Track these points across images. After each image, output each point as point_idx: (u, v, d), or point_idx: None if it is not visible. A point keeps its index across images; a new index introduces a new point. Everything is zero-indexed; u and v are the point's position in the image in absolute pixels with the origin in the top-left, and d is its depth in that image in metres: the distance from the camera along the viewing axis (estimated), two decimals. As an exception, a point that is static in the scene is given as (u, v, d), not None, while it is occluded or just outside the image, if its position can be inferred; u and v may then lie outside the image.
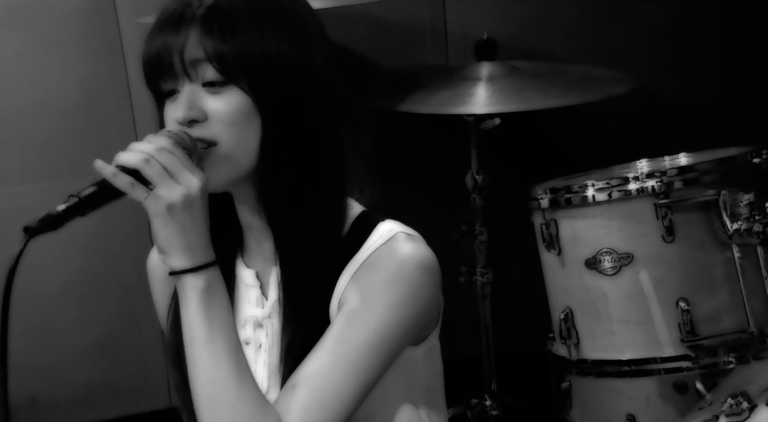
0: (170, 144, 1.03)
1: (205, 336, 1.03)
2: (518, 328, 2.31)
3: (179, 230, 1.01)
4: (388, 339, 1.07)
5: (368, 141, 2.45)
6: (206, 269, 1.03)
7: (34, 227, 1.02)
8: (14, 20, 2.14)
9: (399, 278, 1.07)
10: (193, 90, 1.07)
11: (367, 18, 2.38)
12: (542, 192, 1.81)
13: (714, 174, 1.71)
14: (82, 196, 1.01)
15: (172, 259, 1.03)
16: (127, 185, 1.00)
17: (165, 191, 1.00)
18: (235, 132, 1.06)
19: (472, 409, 2.19)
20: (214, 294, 1.04)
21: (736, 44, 2.60)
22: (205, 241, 1.04)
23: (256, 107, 1.06)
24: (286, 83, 1.07)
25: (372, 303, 1.07)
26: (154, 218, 1.02)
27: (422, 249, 1.10)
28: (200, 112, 1.06)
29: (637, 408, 1.79)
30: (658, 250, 1.70)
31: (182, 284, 1.04)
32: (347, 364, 1.06)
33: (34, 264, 2.26)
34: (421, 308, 1.10)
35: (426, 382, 1.17)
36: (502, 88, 2.04)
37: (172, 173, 1.01)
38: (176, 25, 1.06)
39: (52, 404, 2.25)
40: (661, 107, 2.56)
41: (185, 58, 1.05)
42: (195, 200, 1.01)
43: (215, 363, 1.03)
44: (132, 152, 1.01)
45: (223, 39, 1.05)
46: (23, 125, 2.18)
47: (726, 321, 1.71)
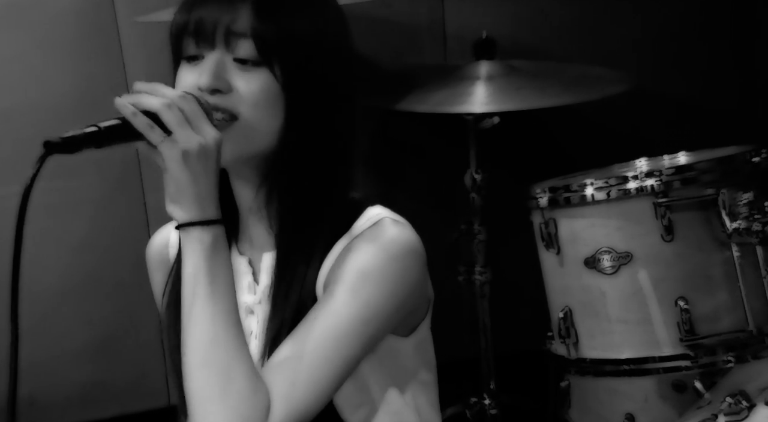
0: (192, 99, 1.03)
1: (207, 291, 1.02)
2: (517, 327, 2.31)
3: (191, 179, 1.01)
4: (370, 320, 1.07)
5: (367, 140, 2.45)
6: (214, 224, 1.03)
7: (55, 142, 1.02)
8: (11, 20, 2.14)
9: (381, 261, 1.07)
10: (222, 60, 1.06)
11: (365, 17, 2.37)
12: (541, 191, 1.81)
13: (713, 173, 1.71)
14: (102, 126, 1.00)
15: (182, 209, 1.02)
16: (146, 126, 1.00)
17: (182, 138, 1.00)
18: (257, 111, 1.06)
19: (471, 408, 2.19)
20: (219, 251, 1.03)
21: (734, 43, 2.61)
22: (215, 199, 1.03)
23: (283, 92, 1.06)
24: (318, 74, 1.08)
25: (354, 285, 1.06)
26: (168, 163, 1.01)
27: (407, 233, 1.10)
28: (226, 84, 1.06)
29: (635, 407, 1.79)
30: (657, 249, 1.70)
31: (189, 238, 1.03)
32: (330, 344, 1.05)
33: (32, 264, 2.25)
34: (406, 291, 1.10)
35: (417, 375, 1.17)
36: (500, 87, 2.04)
37: (191, 121, 1.01)
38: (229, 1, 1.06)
39: (49, 403, 2.24)
40: (659, 106, 2.56)
41: (231, 28, 1.05)
42: (210, 151, 1.01)
43: (214, 321, 1.02)
44: (154, 96, 1.01)
45: (271, 20, 1.05)
46: (20, 125, 2.17)
47: (725, 321, 1.71)
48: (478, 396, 2.20)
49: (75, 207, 2.20)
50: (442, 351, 1.22)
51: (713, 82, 2.58)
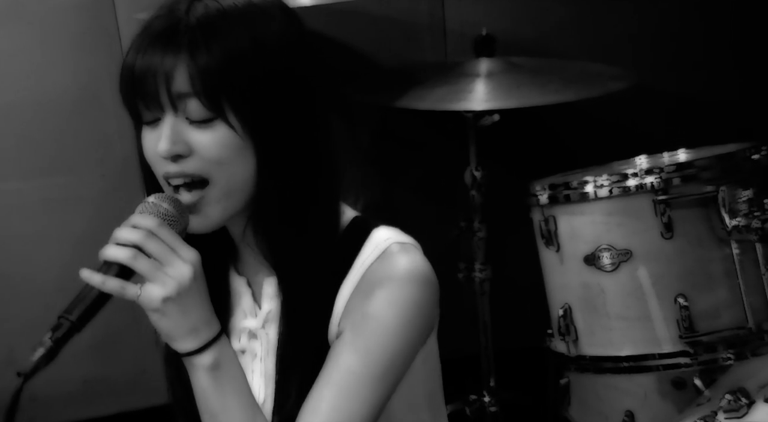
0: (156, 224, 0.98)
1: (219, 406, 1.03)
2: (517, 324, 2.31)
3: (179, 318, 0.99)
4: (395, 362, 1.06)
5: (367, 137, 2.45)
6: (212, 345, 1.02)
7: (28, 372, 0.95)
8: (12, 16, 2.14)
9: (399, 301, 1.05)
10: (177, 122, 1.01)
11: (365, 14, 2.37)
12: (541, 188, 1.81)
13: (713, 170, 1.71)
14: (74, 317, 0.96)
15: (177, 344, 1.01)
16: (118, 289, 0.97)
17: (158, 287, 0.97)
18: (225, 169, 1.02)
19: (471, 406, 2.19)
20: (223, 366, 1.03)
21: (734, 39, 2.60)
22: (207, 316, 1.02)
23: (249, 139, 1.01)
24: (277, 111, 1.03)
25: (372, 331, 1.04)
26: (150, 314, 1.00)
27: (417, 262, 1.07)
28: (185, 146, 1.01)
29: (635, 404, 1.79)
30: (657, 246, 1.70)
31: (190, 364, 1.03)
32: (357, 393, 1.04)
33: (33, 260, 2.27)
34: (423, 325, 1.09)
35: (426, 387, 1.16)
36: (500, 84, 2.04)
37: (163, 262, 0.97)
38: (164, 48, 1.00)
39: (50, 400, 2.25)
40: (660, 103, 2.56)
41: (172, 90, 0.99)
42: (190, 286, 0.98)
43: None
44: (118, 247, 0.98)
45: (211, 71, 0.98)
46: (21, 121, 2.18)
47: (724, 317, 1.71)
48: (478, 393, 2.20)
49: (75, 203, 2.21)
50: (442, 348, 1.22)
51: (713, 79, 2.58)
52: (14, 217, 2.22)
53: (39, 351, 0.95)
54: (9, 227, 2.22)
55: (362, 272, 1.06)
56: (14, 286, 2.21)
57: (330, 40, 2.37)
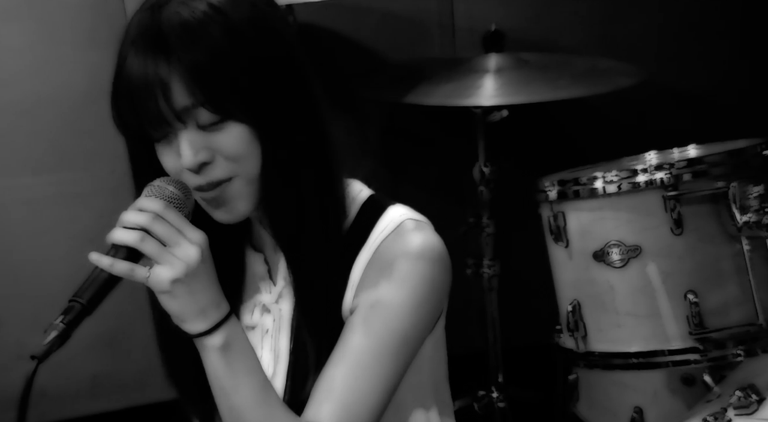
0: (162, 207, 0.99)
1: (231, 386, 1.04)
2: (525, 321, 2.31)
3: (188, 299, 1.00)
4: (408, 340, 1.07)
5: (375, 134, 2.45)
6: (222, 325, 1.03)
7: (41, 354, 0.95)
8: (23, 13, 2.14)
9: (413, 278, 1.06)
10: (191, 133, 1.02)
11: (374, 10, 2.37)
12: (550, 184, 1.80)
13: (723, 166, 1.70)
14: (84, 299, 0.97)
15: (187, 325, 1.02)
16: (127, 270, 0.97)
17: (166, 268, 0.98)
18: (246, 163, 1.03)
19: (479, 401, 2.19)
20: (234, 346, 1.04)
21: (745, 35, 2.59)
22: (217, 297, 1.02)
23: (255, 132, 1.03)
24: (277, 100, 1.04)
25: (386, 306, 1.05)
26: (160, 296, 1.00)
27: (431, 239, 1.09)
28: (207, 153, 1.03)
29: (644, 400, 1.78)
30: (667, 243, 1.70)
31: (201, 345, 1.03)
32: (371, 373, 1.05)
33: (43, 255, 2.28)
34: (435, 302, 1.10)
35: (432, 377, 1.17)
36: (509, 80, 2.04)
37: (170, 244, 0.98)
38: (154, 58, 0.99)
39: (60, 396, 2.26)
40: (669, 98, 2.55)
41: (175, 106, 0.99)
42: (198, 267, 0.99)
43: (244, 408, 1.04)
44: (126, 230, 0.98)
45: (210, 79, 0.99)
46: (31, 117, 2.19)
47: (734, 314, 1.70)
48: (486, 389, 2.20)
49: (85, 198, 2.21)
50: (451, 343, 1.22)
51: (724, 74, 2.57)
52: (25, 212, 2.23)
53: (51, 333, 0.95)
54: (20, 222, 2.23)
55: (376, 246, 1.07)
56: (25, 281, 2.22)
57: (338, 36, 2.37)
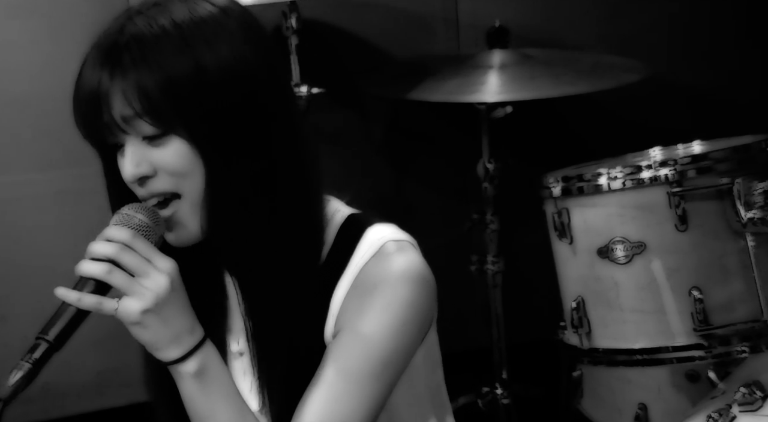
0: (129, 236, 0.97)
1: (207, 412, 1.02)
2: (529, 317, 2.31)
3: (159, 327, 0.98)
4: (391, 362, 1.05)
5: (379, 130, 2.45)
6: (195, 351, 1.01)
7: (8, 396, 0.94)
8: (26, 9, 2.15)
9: (394, 301, 1.03)
10: (135, 144, 1.01)
11: (378, 7, 2.37)
12: (554, 181, 1.80)
13: (728, 162, 1.70)
14: (51, 336, 0.95)
15: (161, 353, 1.01)
16: (95, 304, 0.96)
17: (135, 300, 0.97)
18: (190, 180, 1.01)
19: (483, 398, 2.19)
20: (209, 371, 1.02)
21: (750, 31, 2.58)
22: (189, 323, 1.01)
23: (197, 150, 1.00)
24: (223, 123, 1.00)
25: (370, 330, 1.03)
26: (130, 327, 0.99)
27: (412, 260, 1.05)
28: (148, 167, 1.01)
29: (648, 397, 1.78)
30: (671, 239, 1.69)
31: (176, 372, 1.02)
32: (352, 399, 1.03)
33: (47, 251, 2.28)
34: (420, 324, 1.07)
35: (428, 382, 1.15)
36: (513, 76, 2.03)
37: (139, 274, 0.97)
38: (100, 74, 1.00)
39: (64, 391, 2.26)
40: (674, 94, 2.54)
41: (115, 115, 0.99)
42: (167, 296, 0.97)
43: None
44: (93, 262, 0.97)
45: (150, 88, 0.97)
46: (35, 113, 2.19)
47: (739, 310, 1.70)
48: (491, 385, 2.20)
49: (89, 195, 2.21)
50: (455, 340, 1.22)
51: (728, 70, 2.56)
52: (28, 208, 2.23)
53: (17, 374, 0.93)
54: (23, 218, 2.23)
55: (357, 272, 1.04)
56: (28, 277, 2.23)
57: (342, 32, 2.36)
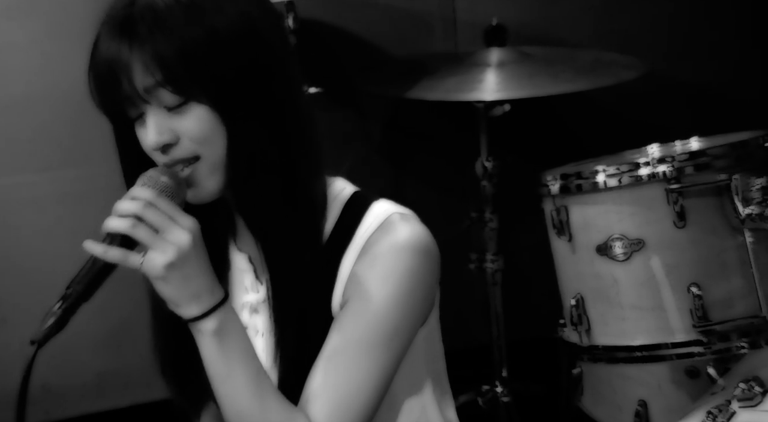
0: (154, 195, 1.01)
1: (225, 372, 1.05)
2: (529, 315, 2.31)
3: (181, 283, 1.01)
4: (398, 331, 1.07)
5: (377, 129, 2.45)
6: (215, 310, 1.04)
7: (40, 339, 0.99)
8: (25, 9, 2.15)
9: (400, 270, 1.06)
10: (157, 113, 1.04)
11: (376, 5, 2.37)
12: (552, 178, 1.80)
13: (726, 159, 1.70)
14: (80, 286, 1.00)
15: (181, 310, 1.03)
16: (120, 257, 1.00)
17: (159, 254, 0.99)
18: (211, 145, 1.04)
19: (483, 396, 2.19)
20: (228, 331, 1.04)
21: (747, 28, 2.59)
22: (210, 282, 1.03)
23: (219, 115, 1.04)
24: (242, 82, 1.04)
25: (375, 298, 1.06)
26: (154, 281, 1.02)
27: (417, 231, 1.09)
28: (171, 134, 1.04)
29: (648, 393, 1.78)
30: (670, 235, 1.70)
31: (195, 330, 1.04)
32: (362, 367, 1.06)
33: (47, 252, 2.28)
34: (424, 293, 1.10)
35: (428, 366, 1.17)
36: (511, 74, 2.03)
37: (162, 231, 1.00)
38: (119, 43, 1.02)
39: (64, 392, 2.26)
40: (672, 91, 2.55)
41: (137, 86, 1.02)
42: (189, 252, 1.00)
43: (236, 395, 1.05)
44: (119, 218, 1.00)
45: (170, 57, 1.01)
46: (34, 114, 2.19)
47: (738, 306, 1.70)
48: (490, 383, 2.20)
49: (89, 196, 2.21)
50: (454, 338, 1.22)
51: (725, 67, 2.56)
52: (28, 210, 2.23)
53: (49, 320, 0.99)
54: (23, 219, 2.23)
55: (363, 241, 1.08)
56: (28, 278, 2.23)
57: (340, 31, 2.36)
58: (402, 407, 1.14)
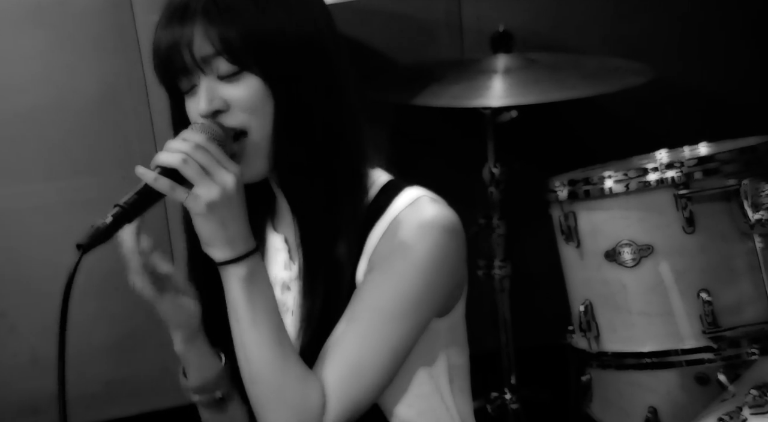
0: (204, 139, 1.06)
1: (249, 319, 1.07)
2: (537, 321, 2.30)
3: (220, 225, 1.05)
4: (416, 303, 1.09)
5: (384, 135, 2.45)
6: (247, 258, 1.07)
7: (86, 242, 1.04)
8: (32, 20, 2.16)
9: (423, 242, 1.09)
10: (210, 82, 1.10)
11: (382, 12, 2.37)
12: (560, 184, 1.80)
13: (735, 164, 1.70)
14: (127, 204, 1.04)
15: (215, 251, 1.07)
16: (168, 187, 1.03)
17: (204, 190, 1.03)
18: (260, 116, 1.09)
19: (492, 403, 2.18)
20: (256, 280, 1.07)
21: (755, 33, 2.58)
22: (245, 231, 1.07)
23: (269, 87, 1.09)
24: (294, 60, 1.09)
25: (398, 269, 1.08)
26: (195, 217, 1.05)
27: (446, 212, 1.13)
28: (221, 102, 1.09)
29: (658, 400, 1.77)
30: (679, 241, 1.69)
31: (226, 273, 1.07)
32: (378, 334, 1.08)
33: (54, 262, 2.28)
34: (448, 271, 1.12)
35: (449, 357, 1.18)
36: (518, 80, 2.03)
37: (209, 171, 1.04)
38: (181, 20, 1.08)
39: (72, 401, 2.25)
40: (679, 97, 2.54)
41: (196, 55, 1.08)
42: (232, 195, 1.04)
43: (259, 344, 1.07)
44: (170, 153, 1.04)
45: (229, 30, 1.07)
46: (41, 124, 2.19)
47: (748, 312, 1.69)
48: (499, 390, 2.19)
49: (97, 205, 2.21)
50: (463, 345, 1.22)
51: (734, 72, 2.56)
52: (36, 218, 2.24)
53: (96, 227, 1.04)
54: (31, 228, 2.24)
55: (392, 218, 1.11)
56: (36, 286, 2.23)
57: (346, 38, 2.37)
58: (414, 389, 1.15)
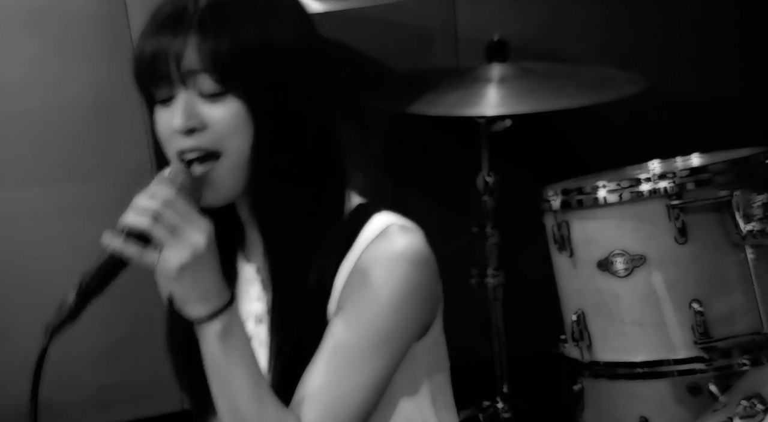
0: (172, 194, 1.01)
1: (225, 373, 1.05)
2: (530, 330, 2.30)
3: (192, 284, 1.02)
4: (389, 338, 1.08)
5: (379, 143, 2.45)
6: (221, 313, 1.04)
7: (54, 326, 1.01)
8: (27, 24, 2.16)
9: (392, 277, 1.07)
10: (190, 97, 1.06)
11: (377, 20, 2.38)
12: (554, 193, 1.80)
13: (727, 175, 1.70)
14: (92, 282, 1.01)
15: (189, 309, 1.04)
16: (137, 254, 1.00)
17: (174, 253, 1.00)
18: (236, 140, 1.06)
19: (484, 412, 2.18)
20: (232, 333, 1.05)
21: (749, 44, 2.59)
22: (219, 284, 1.04)
23: (250, 112, 1.05)
24: (281, 89, 1.06)
25: (368, 305, 1.06)
26: (167, 282, 1.03)
27: (414, 242, 1.09)
28: (199, 121, 1.05)
29: (650, 410, 1.78)
30: (671, 251, 1.70)
31: (201, 331, 1.05)
32: (354, 371, 1.06)
33: (48, 267, 2.29)
34: (420, 304, 1.10)
35: (430, 377, 1.17)
36: (513, 89, 2.04)
37: (178, 230, 1.00)
38: (173, 29, 1.05)
39: (65, 406, 2.26)
40: (673, 107, 2.55)
41: (182, 68, 1.04)
42: (204, 254, 1.01)
43: (236, 398, 1.05)
44: (138, 215, 1.00)
45: (222, 48, 1.03)
46: (35, 128, 2.19)
47: (740, 323, 1.70)
48: (491, 399, 2.19)
49: (90, 210, 2.22)
50: (455, 354, 1.22)
51: (728, 83, 2.57)
52: (29, 224, 2.23)
53: (62, 309, 1.00)
54: (24, 233, 2.23)
55: (360, 250, 1.08)
56: (29, 293, 2.23)
57: (341, 46, 2.37)
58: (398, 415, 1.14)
